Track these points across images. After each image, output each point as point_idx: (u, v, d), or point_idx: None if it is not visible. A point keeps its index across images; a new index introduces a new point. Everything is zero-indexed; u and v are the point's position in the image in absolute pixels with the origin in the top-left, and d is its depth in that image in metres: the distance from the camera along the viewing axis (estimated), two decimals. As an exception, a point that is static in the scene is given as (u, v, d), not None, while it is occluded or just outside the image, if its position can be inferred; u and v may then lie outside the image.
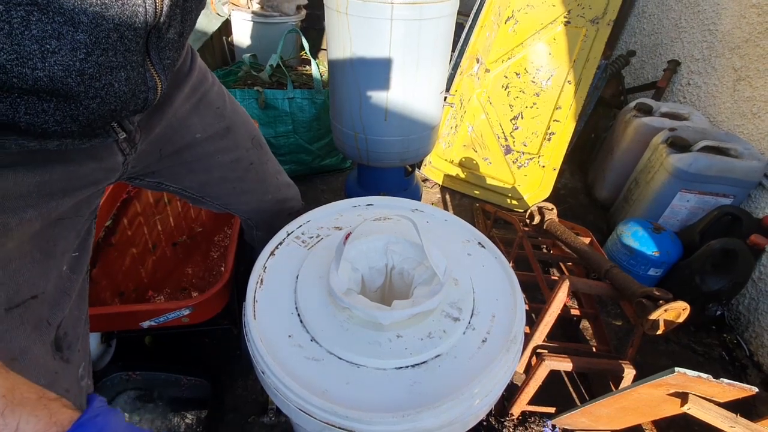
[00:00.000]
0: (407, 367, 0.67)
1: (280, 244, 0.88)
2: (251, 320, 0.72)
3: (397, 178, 1.80)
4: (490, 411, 1.29)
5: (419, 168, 2.35)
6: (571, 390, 1.41)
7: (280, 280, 0.80)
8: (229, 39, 2.82)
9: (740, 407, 0.95)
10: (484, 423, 1.26)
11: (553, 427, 1.25)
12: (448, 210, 2.21)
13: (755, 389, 0.84)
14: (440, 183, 2.35)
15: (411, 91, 1.42)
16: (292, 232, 0.91)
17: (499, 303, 0.77)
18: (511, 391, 1.29)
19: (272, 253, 0.85)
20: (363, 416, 0.59)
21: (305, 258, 0.83)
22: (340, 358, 0.67)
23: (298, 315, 0.74)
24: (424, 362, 0.67)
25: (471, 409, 0.64)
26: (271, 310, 0.74)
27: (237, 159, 0.90)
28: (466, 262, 0.85)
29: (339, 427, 0.60)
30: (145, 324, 1.07)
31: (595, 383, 1.40)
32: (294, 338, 0.70)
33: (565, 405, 1.23)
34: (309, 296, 0.76)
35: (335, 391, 0.63)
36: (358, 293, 0.74)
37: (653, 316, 1.04)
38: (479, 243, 0.91)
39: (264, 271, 0.81)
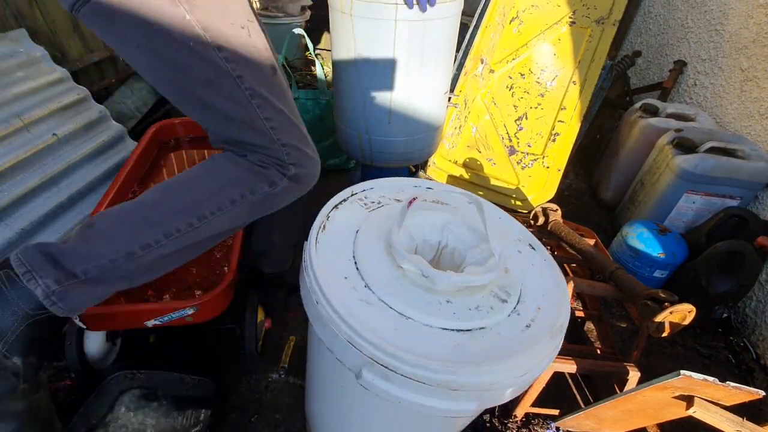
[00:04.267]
0: (453, 330, 0.68)
1: (344, 200, 0.91)
2: (313, 252, 0.74)
3: (401, 179, 1.80)
4: (494, 412, 1.28)
5: (423, 169, 2.35)
6: (576, 392, 1.40)
7: (341, 229, 0.83)
8: (234, 40, 2.83)
9: (747, 410, 0.94)
10: (488, 424, 1.26)
11: (557, 429, 1.25)
12: (452, 211, 2.20)
13: (762, 393, 0.83)
14: (444, 184, 2.35)
15: (415, 91, 1.42)
16: (356, 193, 0.94)
17: (545, 299, 0.78)
18: (515, 393, 1.28)
19: (336, 206, 0.88)
20: (409, 358, 0.60)
21: (366, 218, 0.86)
22: (391, 307, 0.69)
23: (355, 263, 0.76)
24: (468, 330, 0.69)
25: (507, 380, 0.65)
26: (330, 252, 0.77)
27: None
28: (517, 258, 0.87)
29: (382, 365, 0.62)
30: (150, 323, 1.07)
31: (599, 385, 1.39)
32: (350, 281, 0.72)
33: (569, 407, 1.23)
34: (367, 251, 0.78)
35: (383, 333, 0.64)
36: None
37: (658, 318, 1.03)
38: (530, 244, 0.92)
39: (327, 219, 0.84)
